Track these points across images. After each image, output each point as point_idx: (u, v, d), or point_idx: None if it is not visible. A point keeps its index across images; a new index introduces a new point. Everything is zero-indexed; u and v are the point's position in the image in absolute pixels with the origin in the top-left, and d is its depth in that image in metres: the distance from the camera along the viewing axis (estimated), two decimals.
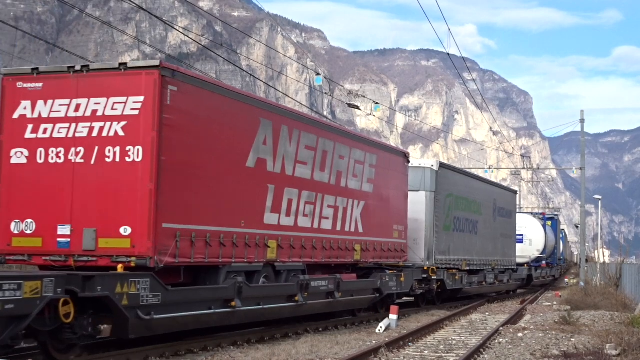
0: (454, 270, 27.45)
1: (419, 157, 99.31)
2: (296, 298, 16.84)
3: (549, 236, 47.27)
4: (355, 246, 19.59)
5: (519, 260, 41.07)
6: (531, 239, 45.06)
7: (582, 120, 43.55)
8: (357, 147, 20.07)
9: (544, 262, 45.83)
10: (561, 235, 61.10)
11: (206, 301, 13.99)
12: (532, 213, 51.61)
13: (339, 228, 18.85)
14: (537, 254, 44.85)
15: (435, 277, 25.48)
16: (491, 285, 33.25)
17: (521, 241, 43.40)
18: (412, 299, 26.50)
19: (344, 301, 19.25)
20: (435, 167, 25.91)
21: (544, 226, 46.31)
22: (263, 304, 15.67)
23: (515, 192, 40.03)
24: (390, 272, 21.91)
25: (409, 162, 23.58)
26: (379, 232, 20.94)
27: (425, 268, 24.86)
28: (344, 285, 19.06)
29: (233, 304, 14.49)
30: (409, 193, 23.52)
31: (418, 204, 24.78)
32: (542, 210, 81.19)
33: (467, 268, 29.05)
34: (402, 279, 22.37)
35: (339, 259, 19.02)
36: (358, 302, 20.49)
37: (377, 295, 21.03)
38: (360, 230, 19.88)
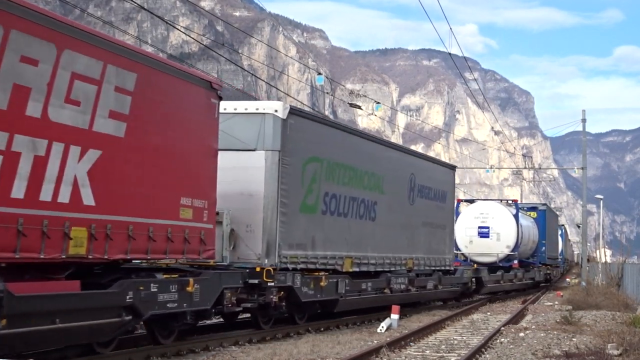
0: (319, 273, 18.14)
1: None
2: None
3: (525, 230, 38.56)
4: (73, 230, 10.78)
5: (483, 260, 35.45)
6: (499, 232, 36.10)
7: (584, 120, 43.52)
8: (84, 51, 11.13)
9: (515, 262, 36.60)
10: (560, 232, 57.73)
11: None
12: (501, 200, 41.68)
13: (20, 194, 9.94)
14: (506, 252, 35.97)
15: (274, 284, 16.16)
16: (403, 293, 23.36)
17: (486, 235, 36.12)
18: (238, 318, 18.51)
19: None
20: (281, 114, 16.58)
21: (516, 217, 36.73)
22: None
23: (452, 168, 29.71)
24: (166, 276, 13.10)
25: (219, 98, 14.66)
26: (141, 206, 12.40)
27: (258, 269, 15.94)
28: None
29: None
30: (237, 153, 16.22)
31: (252, 170, 16.37)
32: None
33: (355, 269, 20.02)
34: (190, 289, 13.34)
35: (26, 254, 10.07)
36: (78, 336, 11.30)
37: (126, 319, 11.95)
38: (89, 201, 11.15)
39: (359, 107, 29.50)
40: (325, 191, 18.63)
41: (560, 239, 57.51)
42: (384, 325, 18.78)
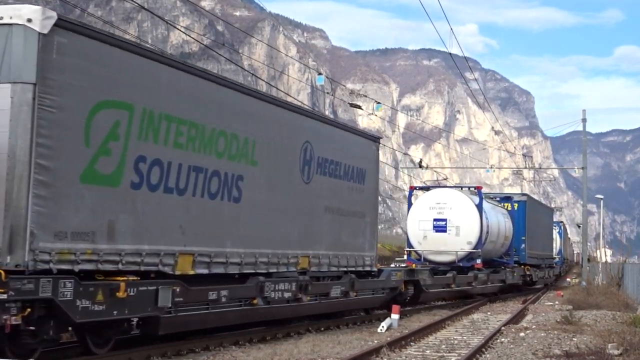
0: (123, 277, 11.96)
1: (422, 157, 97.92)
2: None
3: (494, 223, 32.54)
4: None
5: (440, 259, 30.10)
6: (458, 225, 30.10)
7: (584, 120, 43.53)
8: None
9: (478, 261, 30.17)
10: (558, 230, 55.52)
11: None
12: (462, 186, 34.30)
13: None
14: (467, 249, 30.12)
15: (11, 296, 10.14)
16: (289, 304, 16.86)
17: (443, 229, 30.07)
18: None
19: None
20: (39, 26, 10.65)
21: (480, 207, 30.53)
22: None
23: (375, 140, 21.91)
24: None
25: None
26: None
27: None
28: None
29: None
30: None
31: None
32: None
33: (200, 271, 13.78)
34: None
35: None
36: None
37: None
38: None
39: (360, 107, 29.51)
40: (140, 154, 12.47)
41: (558, 237, 55.24)
42: (384, 325, 18.79)
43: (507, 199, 38.06)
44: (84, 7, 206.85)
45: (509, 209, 36.79)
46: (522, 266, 37.58)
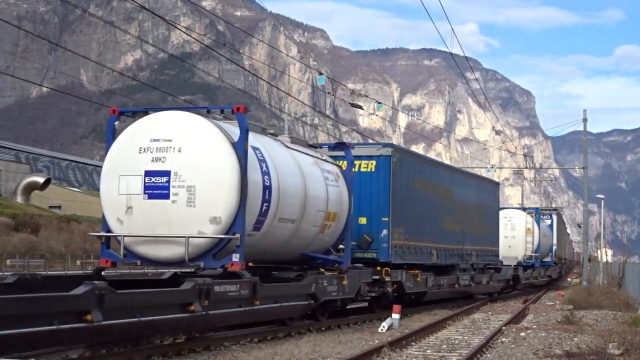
0: None
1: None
2: None
3: (289, 182, 15.31)
4: None
5: (162, 252, 12.18)
6: (193, 185, 13.03)
7: (585, 120, 43.51)
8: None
9: (235, 258, 12.42)
10: (537, 218, 42.34)
11: None
12: (209, 108, 15.61)
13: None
14: (210, 231, 12.70)
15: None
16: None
17: (165, 193, 11.22)
18: None
19: None
20: None
21: (239, 146, 12.94)
22: None
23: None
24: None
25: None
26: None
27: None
28: None
29: None
30: None
31: None
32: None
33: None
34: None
35: None
36: None
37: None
38: None
39: (360, 107, 29.54)
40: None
41: (536, 227, 41.96)
42: (385, 324, 18.80)
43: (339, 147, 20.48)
44: (84, 7, 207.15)
45: (369, 169, 22.09)
46: (380, 268, 21.80)
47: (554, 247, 47.39)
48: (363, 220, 21.17)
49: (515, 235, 40.20)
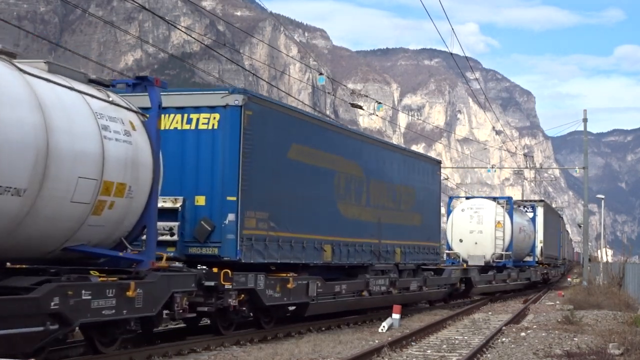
0: None
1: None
2: None
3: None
4: None
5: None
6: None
7: (585, 120, 43.48)
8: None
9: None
10: (509, 209, 35.48)
11: None
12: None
13: None
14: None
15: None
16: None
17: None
18: None
19: None
20: None
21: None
22: None
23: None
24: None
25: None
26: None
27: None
28: None
29: None
30: None
31: None
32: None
33: None
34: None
35: None
36: None
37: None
38: None
39: (361, 107, 29.51)
40: None
41: (509, 221, 35.37)
42: (385, 324, 18.80)
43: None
44: (85, 7, 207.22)
45: (210, 126, 31.36)
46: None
47: (540, 245, 40.56)
48: (201, 201, 15.17)
49: (483, 230, 34.21)
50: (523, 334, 17.54)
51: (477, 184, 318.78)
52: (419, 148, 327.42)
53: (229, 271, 14.58)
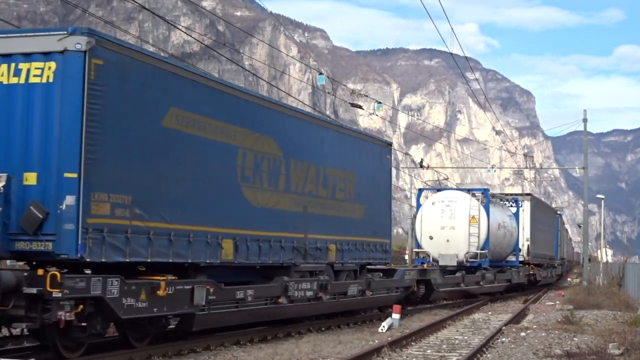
0: None
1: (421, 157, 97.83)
2: None
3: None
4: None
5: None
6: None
7: (585, 120, 43.49)
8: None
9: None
10: (485, 203, 31.50)
11: None
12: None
13: None
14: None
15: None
16: None
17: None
18: None
19: None
20: None
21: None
22: None
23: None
24: None
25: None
26: None
27: None
28: None
29: None
30: None
31: None
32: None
33: None
34: None
35: None
36: None
37: None
38: None
39: (360, 107, 29.52)
40: None
41: (484, 214, 31.26)
42: (385, 324, 18.79)
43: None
44: (84, 7, 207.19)
45: (44, 79, 28.85)
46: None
47: (527, 243, 37.35)
48: (31, 179, 11.64)
49: (456, 226, 30.28)
50: (523, 334, 17.53)
51: (477, 184, 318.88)
52: (418, 148, 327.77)
53: (57, 274, 11.08)
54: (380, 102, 33.80)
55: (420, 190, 34.03)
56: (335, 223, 19.16)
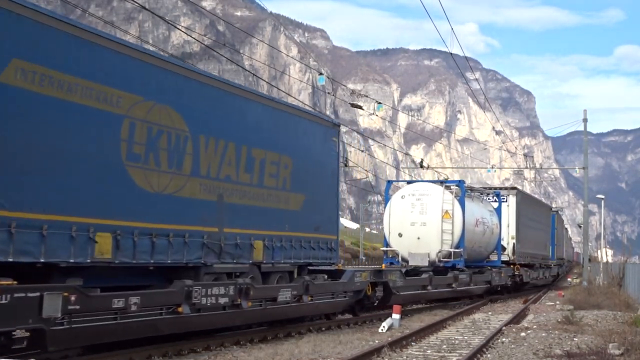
0: None
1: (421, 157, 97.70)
2: None
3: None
4: None
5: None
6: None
7: (585, 120, 43.47)
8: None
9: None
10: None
11: None
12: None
13: None
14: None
15: None
16: None
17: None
18: None
19: None
20: None
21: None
22: None
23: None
24: None
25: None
26: None
27: None
28: None
29: None
30: None
31: None
32: None
33: None
34: None
35: None
36: None
37: None
38: None
39: (360, 107, 29.53)
40: None
41: (459, 213, 28.13)
42: (385, 325, 18.79)
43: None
44: (84, 8, 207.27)
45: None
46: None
47: (512, 242, 34.27)
48: None
49: (427, 222, 27.06)
50: (523, 334, 17.53)
51: (477, 184, 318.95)
52: (418, 148, 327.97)
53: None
54: (380, 102, 33.79)
55: (389, 183, 30.05)
56: (263, 215, 15.78)
